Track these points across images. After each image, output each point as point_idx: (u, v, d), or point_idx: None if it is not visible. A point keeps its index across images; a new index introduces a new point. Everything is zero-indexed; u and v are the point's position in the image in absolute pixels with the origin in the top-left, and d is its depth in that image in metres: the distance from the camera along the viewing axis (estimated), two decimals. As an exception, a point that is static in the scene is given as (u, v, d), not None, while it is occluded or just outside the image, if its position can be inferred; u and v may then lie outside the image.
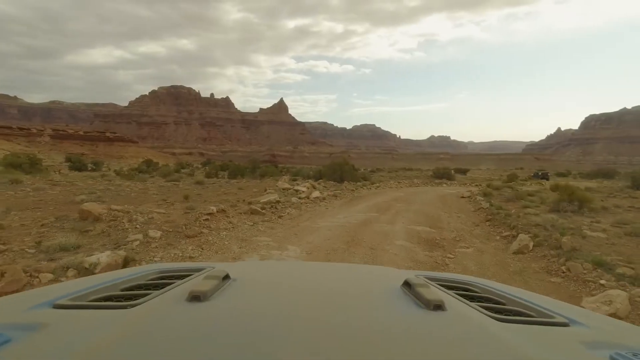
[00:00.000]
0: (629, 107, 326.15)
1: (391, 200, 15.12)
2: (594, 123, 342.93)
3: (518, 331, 0.68)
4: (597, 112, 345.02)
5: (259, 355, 0.53)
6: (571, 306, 0.97)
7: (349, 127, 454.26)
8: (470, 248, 7.36)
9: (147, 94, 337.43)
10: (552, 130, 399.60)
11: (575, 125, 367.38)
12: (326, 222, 9.27)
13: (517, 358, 0.57)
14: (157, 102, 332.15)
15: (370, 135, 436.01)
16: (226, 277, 0.90)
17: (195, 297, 0.73)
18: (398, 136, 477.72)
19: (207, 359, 0.51)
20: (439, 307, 0.74)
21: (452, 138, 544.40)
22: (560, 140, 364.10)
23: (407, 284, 0.89)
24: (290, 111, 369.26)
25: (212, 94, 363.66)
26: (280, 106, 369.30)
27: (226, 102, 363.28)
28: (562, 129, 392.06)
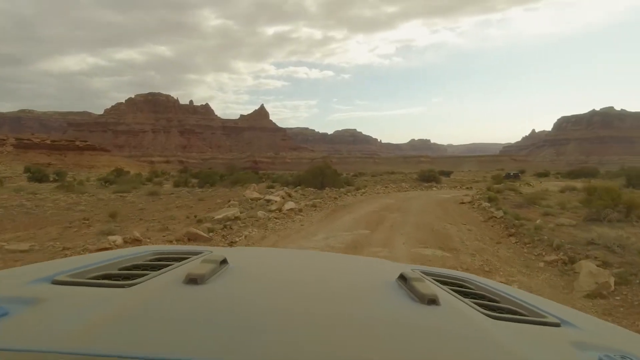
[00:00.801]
0: (597, 108, 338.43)
1: (382, 209, 12.66)
2: (565, 124, 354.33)
3: (509, 329, 0.69)
4: (568, 114, 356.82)
5: (252, 339, 0.54)
6: (563, 307, 0.97)
7: (330, 132, 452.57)
8: (511, 285, 4.91)
9: (124, 101, 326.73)
10: (527, 132, 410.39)
11: (548, 126, 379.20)
12: (299, 247, 6.67)
13: (507, 356, 0.57)
14: (134, 109, 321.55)
15: (351, 139, 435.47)
16: (223, 261, 0.90)
17: (192, 280, 0.74)
18: (379, 140, 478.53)
19: (201, 341, 0.52)
20: (433, 301, 0.74)
21: (432, 141, 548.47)
22: (534, 142, 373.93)
23: (402, 278, 0.90)
24: (271, 117, 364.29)
25: (191, 101, 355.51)
26: (261, 112, 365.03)
27: (206, 109, 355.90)
28: (536, 130, 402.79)
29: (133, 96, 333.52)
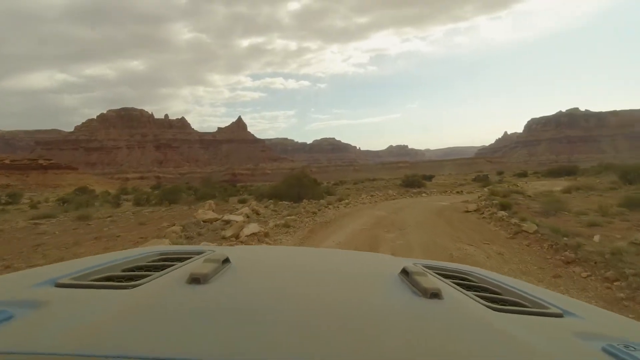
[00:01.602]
0: (563, 110, 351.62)
1: (373, 225, 10.00)
2: (535, 126, 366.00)
3: (512, 321, 0.69)
4: (537, 116, 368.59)
5: (256, 337, 0.54)
6: (566, 297, 0.97)
7: (309, 141, 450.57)
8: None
9: (95, 117, 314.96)
10: (500, 134, 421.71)
11: (519, 128, 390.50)
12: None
13: (511, 347, 0.57)
14: (106, 125, 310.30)
15: (330, 148, 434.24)
16: (226, 260, 0.90)
17: (195, 280, 0.74)
18: (358, 148, 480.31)
19: (204, 340, 0.52)
20: (435, 295, 0.74)
21: (409, 147, 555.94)
22: (507, 144, 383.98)
23: (404, 272, 0.90)
24: (249, 129, 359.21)
25: (166, 115, 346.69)
26: (239, 124, 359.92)
27: (182, 123, 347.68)
28: (508, 132, 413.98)
29: (105, 112, 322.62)
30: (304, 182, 18.47)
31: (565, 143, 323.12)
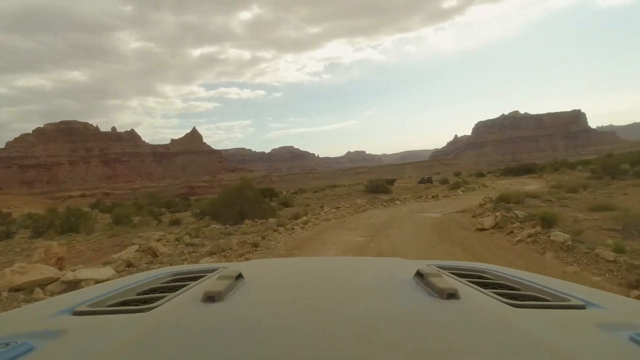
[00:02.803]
0: (506, 113, 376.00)
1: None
2: (482, 129, 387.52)
3: (533, 316, 0.68)
4: (484, 119, 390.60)
5: (277, 351, 0.54)
6: (587, 288, 0.96)
7: (267, 150, 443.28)
8: None
9: (31, 132, 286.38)
10: (451, 137, 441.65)
11: (468, 131, 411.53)
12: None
13: (532, 343, 0.57)
14: (44, 140, 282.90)
15: (289, 156, 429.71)
16: (239, 276, 0.91)
17: (210, 298, 0.75)
18: (317, 155, 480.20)
19: (222, 357, 0.52)
20: (452, 295, 0.73)
21: (367, 152, 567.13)
22: (458, 146, 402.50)
23: (419, 274, 0.90)
24: (205, 140, 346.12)
25: (113, 128, 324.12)
26: (194, 135, 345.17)
27: (132, 136, 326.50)
28: (459, 135, 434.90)
29: (42, 126, 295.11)
30: (247, 196, 13.89)
31: (510, 144, 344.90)
